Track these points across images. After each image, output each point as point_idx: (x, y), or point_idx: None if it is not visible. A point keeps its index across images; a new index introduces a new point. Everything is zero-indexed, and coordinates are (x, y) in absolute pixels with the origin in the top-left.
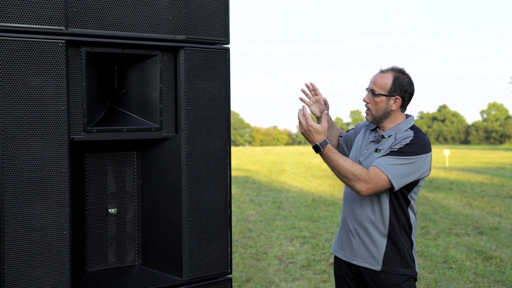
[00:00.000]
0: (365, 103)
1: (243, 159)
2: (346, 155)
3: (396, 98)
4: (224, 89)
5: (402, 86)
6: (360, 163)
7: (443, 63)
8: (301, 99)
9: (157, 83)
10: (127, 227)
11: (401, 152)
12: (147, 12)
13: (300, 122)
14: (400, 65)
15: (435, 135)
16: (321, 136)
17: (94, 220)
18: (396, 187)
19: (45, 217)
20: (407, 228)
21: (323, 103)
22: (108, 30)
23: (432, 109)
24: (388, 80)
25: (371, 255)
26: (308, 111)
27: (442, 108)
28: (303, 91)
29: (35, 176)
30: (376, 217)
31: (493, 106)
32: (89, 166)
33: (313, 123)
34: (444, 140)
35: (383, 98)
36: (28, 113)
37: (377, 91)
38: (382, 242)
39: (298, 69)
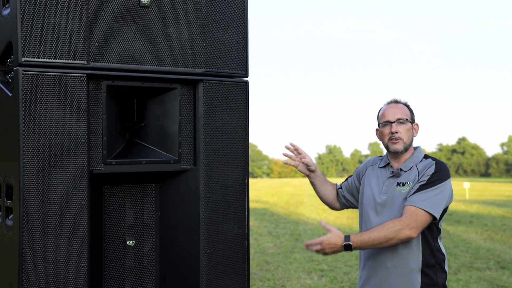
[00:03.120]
0: (395, 134)
1: (261, 191)
2: (351, 204)
3: (415, 124)
4: (243, 121)
5: (414, 114)
6: (382, 201)
7: (462, 95)
8: (286, 163)
9: (176, 116)
10: (145, 259)
11: (431, 183)
12: (167, 46)
13: (317, 251)
14: (419, 97)
15: (455, 167)
16: (340, 236)
17: (112, 252)
18: (438, 216)
19: (63, 250)
20: (441, 259)
21: (309, 164)
22: (128, 64)
23: (451, 141)
24: (405, 109)
25: None
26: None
27: (462, 140)
28: (286, 154)
29: (55, 208)
30: (412, 250)
31: None
32: (108, 198)
33: (325, 237)
34: (464, 172)
35: (409, 125)
36: (49, 146)
37: (404, 117)
38: (417, 277)
39: (318, 101)
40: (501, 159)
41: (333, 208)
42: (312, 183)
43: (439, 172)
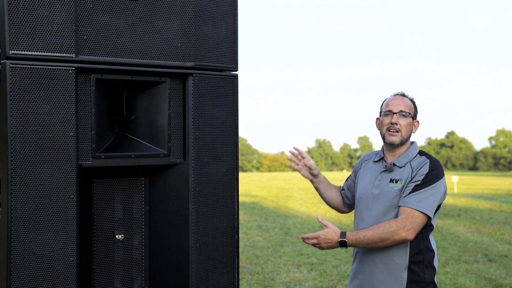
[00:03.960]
0: (395, 125)
1: (250, 185)
2: (352, 205)
3: (416, 122)
4: (232, 115)
5: (417, 111)
6: (374, 196)
7: (451, 89)
8: (290, 166)
9: (166, 110)
10: (134, 253)
11: (425, 182)
12: (156, 39)
13: (314, 245)
14: (409, 91)
15: (443, 161)
16: (335, 232)
17: (101, 246)
18: (432, 216)
19: (52, 244)
20: (430, 256)
21: (311, 167)
22: (117, 57)
23: (440, 135)
24: (410, 103)
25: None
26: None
27: (450, 134)
28: (291, 159)
29: (43, 202)
30: (399, 246)
31: (502, 132)
32: (97, 192)
33: (321, 232)
34: (453, 166)
35: (411, 120)
36: (37, 139)
37: (407, 111)
38: (403, 274)
39: (307, 95)
40: (489, 153)
41: (341, 211)
42: (317, 188)
43: (434, 172)
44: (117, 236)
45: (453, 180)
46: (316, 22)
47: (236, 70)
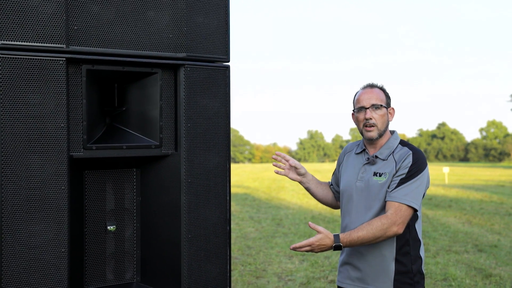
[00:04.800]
0: (369, 120)
1: (242, 176)
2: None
3: (391, 109)
4: (224, 106)
5: (390, 99)
6: (358, 189)
7: (442, 81)
8: (277, 172)
9: (157, 101)
10: (126, 244)
11: (410, 176)
12: (148, 30)
13: (309, 251)
14: (397, 83)
15: (435, 152)
16: (329, 237)
17: (92, 237)
18: (419, 208)
19: (43, 235)
20: (417, 245)
21: (295, 167)
22: (108, 48)
23: (431, 126)
24: (381, 93)
25: (382, 279)
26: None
27: (442, 125)
28: (275, 165)
29: (34, 193)
30: (387, 239)
31: (492, 124)
32: (88, 183)
33: (314, 239)
34: (444, 157)
35: (384, 110)
36: (28, 130)
37: (379, 103)
38: (391, 265)
39: (300, 87)
40: (480, 144)
41: (335, 207)
42: (308, 189)
43: (417, 163)
44: (108, 227)
45: (444, 171)
46: (309, 13)
47: (228, 61)
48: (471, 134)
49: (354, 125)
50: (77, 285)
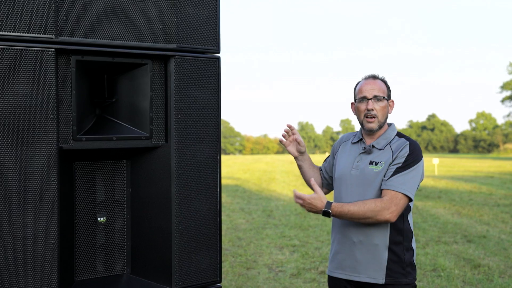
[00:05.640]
0: (371, 111)
1: (233, 168)
2: (331, 185)
3: (391, 101)
4: (215, 97)
5: (390, 91)
6: (353, 177)
7: (432, 72)
8: (281, 141)
9: (147, 92)
10: (116, 235)
11: (407, 165)
12: (137, 21)
13: (301, 205)
14: (388, 74)
15: (424, 144)
16: (322, 201)
17: (82, 229)
18: (413, 197)
19: (33, 226)
20: (408, 235)
21: (298, 142)
22: (98, 39)
23: (421, 118)
24: (383, 85)
25: (374, 268)
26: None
27: (431, 117)
28: (284, 135)
29: (24, 185)
30: (379, 227)
31: (482, 115)
32: (78, 175)
33: (309, 196)
34: (433, 149)
35: (386, 102)
36: (17, 121)
37: (381, 95)
38: (384, 254)
39: (290, 78)
40: (469, 135)
41: None
42: (300, 167)
43: (414, 154)
44: (99, 219)
45: (433, 162)
46: (300, 4)
47: (218, 52)
48: (460, 125)
49: (344, 117)
50: (67, 277)
